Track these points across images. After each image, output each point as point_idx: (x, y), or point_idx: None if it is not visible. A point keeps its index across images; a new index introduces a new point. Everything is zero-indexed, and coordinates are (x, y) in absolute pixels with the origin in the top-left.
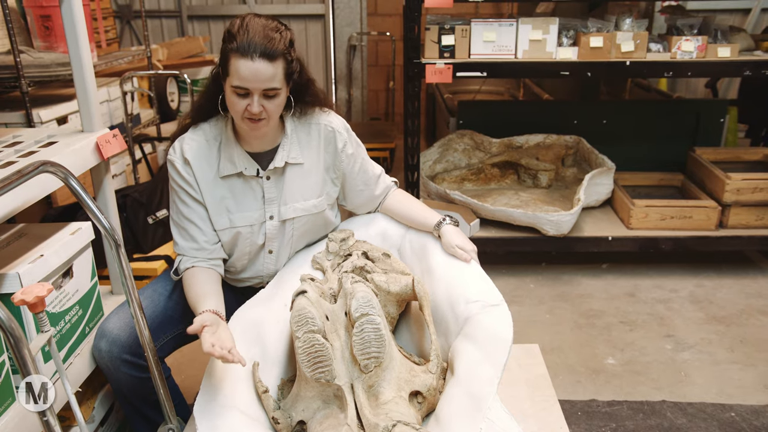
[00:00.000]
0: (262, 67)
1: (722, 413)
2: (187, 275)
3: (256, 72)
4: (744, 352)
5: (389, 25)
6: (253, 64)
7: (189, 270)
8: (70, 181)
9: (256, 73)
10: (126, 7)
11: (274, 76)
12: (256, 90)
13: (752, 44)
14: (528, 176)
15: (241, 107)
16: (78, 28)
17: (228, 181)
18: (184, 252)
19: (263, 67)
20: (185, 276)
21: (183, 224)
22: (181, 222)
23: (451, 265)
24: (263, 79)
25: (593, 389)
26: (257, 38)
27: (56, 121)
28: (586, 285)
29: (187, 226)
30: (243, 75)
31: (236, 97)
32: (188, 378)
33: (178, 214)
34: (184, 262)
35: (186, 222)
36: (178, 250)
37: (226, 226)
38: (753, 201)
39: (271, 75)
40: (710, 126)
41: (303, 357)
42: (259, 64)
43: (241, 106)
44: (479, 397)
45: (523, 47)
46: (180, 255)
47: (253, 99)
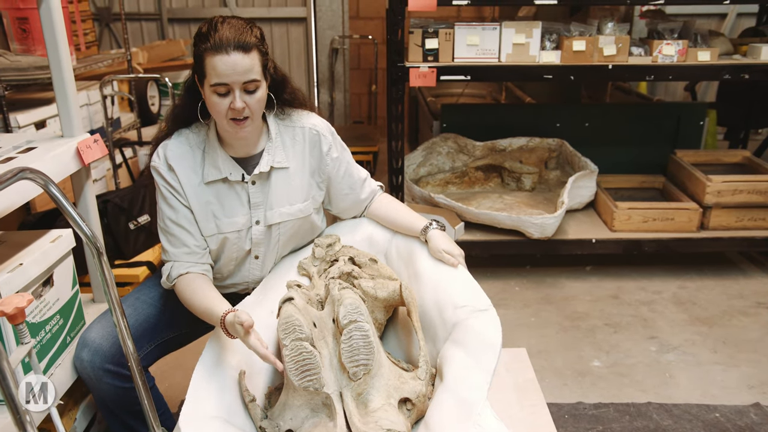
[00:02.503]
0: (238, 59)
1: (707, 414)
2: (184, 281)
3: (234, 65)
4: (727, 353)
5: (371, 28)
6: (229, 58)
7: (184, 276)
8: (51, 188)
9: (234, 66)
10: (105, 10)
11: (252, 67)
12: (236, 84)
13: (731, 48)
14: (512, 179)
15: (223, 107)
16: (57, 31)
17: (213, 186)
18: (175, 258)
19: (240, 59)
20: (181, 282)
21: (172, 230)
22: (169, 228)
23: (438, 270)
24: (241, 71)
25: (580, 392)
26: (228, 33)
27: (34, 126)
28: (570, 287)
29: (176, 232)
30: (220, 71)
31: (217, 97)
32: (172, 387)
33: (166, 220)
34: (176, 267)
35: (175, 227)
36: (168, 257)
37: (213, 232)
38: (733, 203)
39: (249, 66)
40: (690, 129)
41: (291, 365)
42: (235, 56)
43: (224, 106)
44: (469, 403)
45: (506, 51)
46: (170, 261)
47: (235, 95)
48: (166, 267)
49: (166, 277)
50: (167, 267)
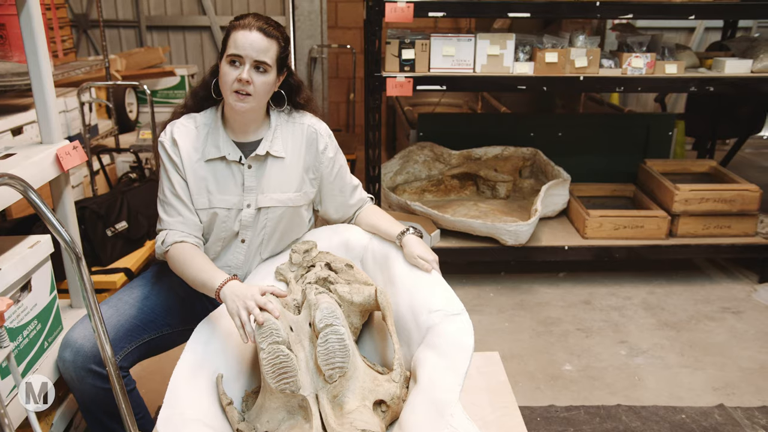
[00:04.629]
0: (257, 38)
1: (673, 415)
2: (179, 249)
3: (252, 41)
4: (693, 356)
5: (350, 37)
6: (250, 34)
7: (179, 244)
8: (30, 194)
9: (252, 42)
10: (83, 17)
11: (267, 50)
12: (248, 58)
13: (697, 62)
14: (487, 187)
15: (231, 77)
16: (37, 38)
17: (211, 164)
18: (170, 226)
19: (258, 39)
20: (176, 249)
21: (170, 201)
22: (167, 199)
23: (413, 275)
24: (257, 48)
25: (551, 395)
26: (258, 21)
27: (11, 132)
28: (543, 293)
29: (174, 203)
30: (239, 43)
31: (229, 66)
32: (150, 392)
33: (166, 191)
34: (171, 235)
35: (173, 198)
36: (163, 225)
37: (205, 206)
38: (700, 211)
39: (265, 47)
40: (659, 139)
41: (268, 368)
42: (255, 35)
43: (232, 76)
44: (442, 404)
45: (481, 62)
46: (165, 230)
47: (245, 68)
48: (160, 235)
49: (161, 242)
50: (161, 235)
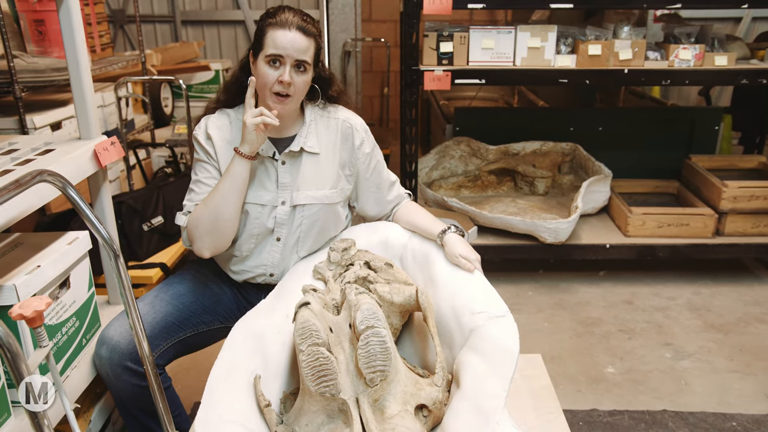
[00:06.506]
0: (298, 38)
1: (723, 423)
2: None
3: (293, 41)
4: (743, 361)
5: (384, 31)
6: (290, 33)
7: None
8: (69, 190)
9: (293, 42)
10: (119, 12)
11: (308, 49)
12: (289, 58)
13: (748, 53)
14: (525, 183)
15: (272, 78)
16: (76, 33)
17: None
18: (189, 209)
19: (299, 38)
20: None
21: (196, 189)
22: (195, 188)
23: (454, 275)
24: (298, 48)
25: (594, 399)
26: (295, 18)
27: (50, 127)
28: (584, 293)
29: (200, 190)
30: (279, 43)
31: (268, 67)
32: (185, 388)
33: (197, 184)
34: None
35: (202, 186)
36: (184, 209)
37: None
38: (749, 209)
39: (306, 47)
40: (705, 133)
41: (307, 371)
42: (295, 34)
43: (272, 77)
44: (487, 411)
45: (521, 54)
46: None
47: (285, 69)
48: (179, 219)
49: (181, 222)
50: (179, 218)
